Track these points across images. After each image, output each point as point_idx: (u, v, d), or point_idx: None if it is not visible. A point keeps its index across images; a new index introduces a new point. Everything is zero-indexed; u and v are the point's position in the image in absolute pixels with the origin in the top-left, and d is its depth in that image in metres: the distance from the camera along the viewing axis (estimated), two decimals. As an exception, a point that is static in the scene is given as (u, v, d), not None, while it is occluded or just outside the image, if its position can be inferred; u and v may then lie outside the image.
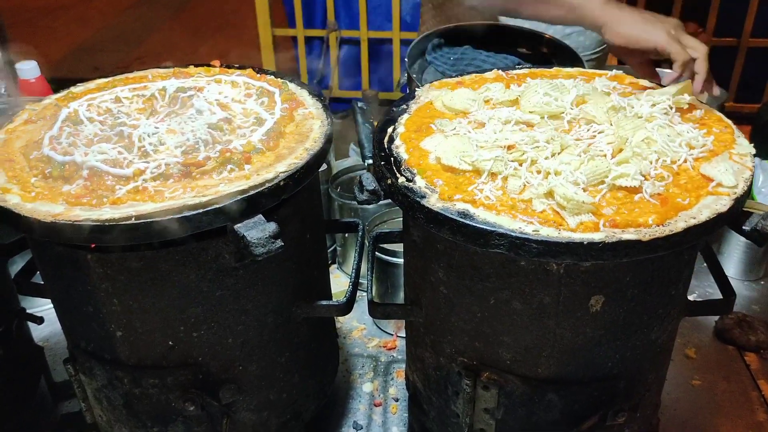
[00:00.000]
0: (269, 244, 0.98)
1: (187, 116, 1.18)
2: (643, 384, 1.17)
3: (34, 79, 1.98)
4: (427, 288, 1.15)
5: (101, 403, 1.24)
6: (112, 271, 1.05)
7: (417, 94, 1.32)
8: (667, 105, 1.15)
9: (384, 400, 1.54)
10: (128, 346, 1.13)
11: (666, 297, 1.08)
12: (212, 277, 1.08)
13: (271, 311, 1.18)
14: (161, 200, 0.99)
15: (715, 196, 0.98)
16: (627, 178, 0.98)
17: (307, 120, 1.22)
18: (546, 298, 1.01)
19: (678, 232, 0.91)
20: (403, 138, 1.16)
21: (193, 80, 1.33)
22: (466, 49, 1.87)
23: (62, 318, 1.23)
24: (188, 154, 1.08)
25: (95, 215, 0.96)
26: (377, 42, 4.66)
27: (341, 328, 1.74)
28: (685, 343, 1.66)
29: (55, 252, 1.09)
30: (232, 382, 1.18)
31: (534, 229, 0.92)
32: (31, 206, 1.00)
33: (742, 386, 1.56)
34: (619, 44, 1.53)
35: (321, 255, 1.38)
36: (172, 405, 1.17)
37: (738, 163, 1.04)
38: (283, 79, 1.36)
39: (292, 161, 1.08)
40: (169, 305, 1.08)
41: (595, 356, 1.08)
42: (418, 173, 1.05)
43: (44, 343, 1.66)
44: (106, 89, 1.31)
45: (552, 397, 1.11)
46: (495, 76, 1.36)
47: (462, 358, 1.15)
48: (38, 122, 1.22)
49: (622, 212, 0.94)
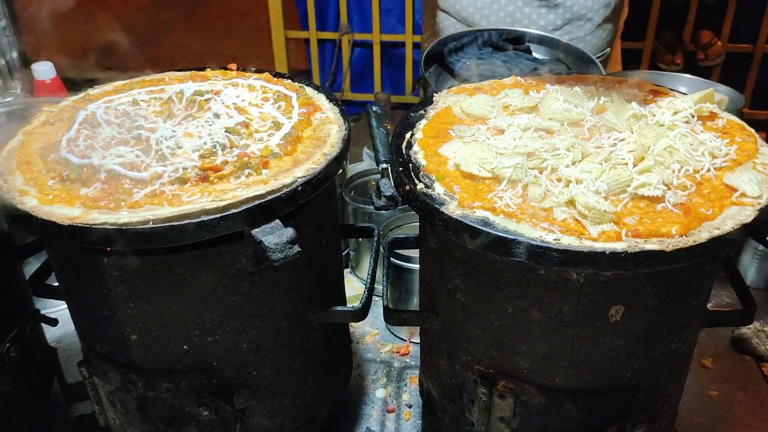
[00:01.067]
0: (286, 250, 0.97)
1: (205, 120, 1.18)
2: (662, 395, 1.15)
3: (50, 80, 1.99)
4: (443, 295, 1.14)
5: (115, 407, 1.23)
6: (128, 275, 1.05)
7: (435, 100, 1.31)
8: (689, 113, 1.14)
9: (397, 407, 1.53)
10: (143, 350, 1.13)
11: (686, 308, 1.07)
12: (228, 281, 1.07)
13: (286, 316, 1.17)
14: (179, 204, 0.98)
15: (738, 207, 0.96)
16: (649, 187, 0.96)
17: (325, 125, 1.21)
18: (565, 308, 1.00)
19: (702, 242, 0.90)
20: (421, 144, 1.15)
21: (210, 83, 1.32)
22: (483, 54, 1.86)
23: (77, 320, 1.22)
24: (206, 158, 1.07)
25: (113, 219, 0.96)
26: (390, 45, 4.65)
27: (354, 332, 1.73)
28: (702, 353, 1.65)
29: (72, 255, 1.09)
30: (246, 387, 1.17)
31: (555, 237, 0.91)
32: (48, 209, 0.99)
33: (760, 397, 1.54)
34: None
35: (336, 260, 1.37)
36: (186, 409, 1.17)
37: (762, 173, 1.03)
38: (300, 83, 1.35)
39: (309, 166, 1.08)
40: (184, 309, 1.08)
41: (614, 367, 1.07)
42: (437, 180, 1.04)
43: (57, 344, 1.66)
44: (123, 91, 1.31)
45: (569, 407, 1.10)
46: (513, 82, 1.34)
47: (478, 366, 1.14)
48: (55, 124, 1.22)
49: (645, 222, 0.93)
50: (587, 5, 2.10)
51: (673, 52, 4.39)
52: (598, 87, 1.27)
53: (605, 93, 1.22)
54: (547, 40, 1.97)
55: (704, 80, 2.04)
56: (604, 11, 2.13)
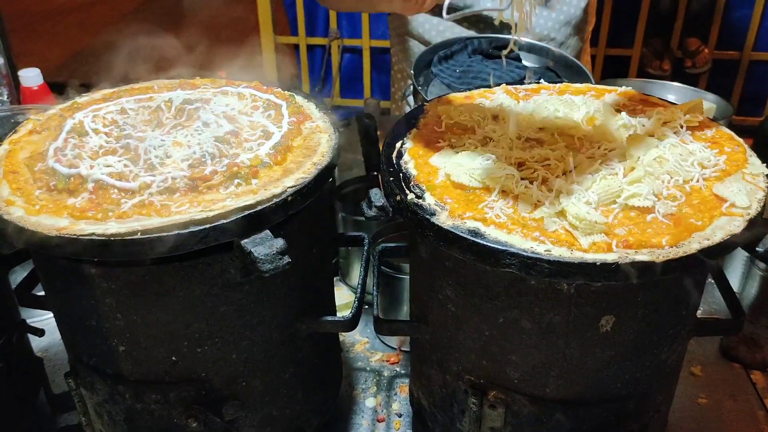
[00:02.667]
0: (276, 261, 0.96)
1: (194, 128, 1.17)
2: (652, 405, 1.15)
3: (37, 87, 1.97)
4: (434, 305, 1.14)
5: (102, 418, 1.22)
6: (116, 286, 1.03)
7: (425, 108, 1.31)
8: (678, 123, 1.15)
9: (387, 416, 1.53)
10: (131, 361, 1.11)
11: (676, 317, 1.07)
12: (217, 292, 1.06)
13: (276, 327, 1.16)
14: (167, 215, 0.97)
15: (728, 217, 0.96)
16: (639, 198, 0.97)
17: (315, 134, 1.21)
18: (555, 318, 1.00)
19: (692, 253, 0.90)
20: (411, 153, 1.15)
21: (200, 92, 1.31)
22: (473, 61, 1.86)
23: (64, 331, 1.21)
24: (195, 168, 1.07)
25: (100, 229, 0.95)
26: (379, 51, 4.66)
27: (344, 341, 1.73)
28: (691, 361, 1.65)
29: (59, 265, 1.07)
30: (235, 398, 1.17)
31: (546, 248, 0.91)
32: (35, 219, 0.98)
33: (749, 405, 1.54)
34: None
35: (326, 269, 1.36)
36: (175, 421, 1.15)
37: (751, 183, 1.03)
38: (290, 91, 1.35)
39: (300, 176, 1.07)
40: (173, 320, 1.07)
41: (605, 377, 1.07)
42: (428, 190, 1.04)
43: (43, 354, 1.64)
44: (111, 100, 1.30)
45: (560, 417, 1.10)
46: (504, 91, 1.35)
47: (469, 376, 1.13)
48: (43, 133, 1.21)
49: (635, 233, 0.93)
50: (548, 26, 2.15)
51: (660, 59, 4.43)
52: (587, 96, 1.27)
53: (595, 102, 1.22)
54: (537, 48, 1.98)
55: (693, 89, 2.06)
56: (565, 29, 2.19)
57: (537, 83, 1.39)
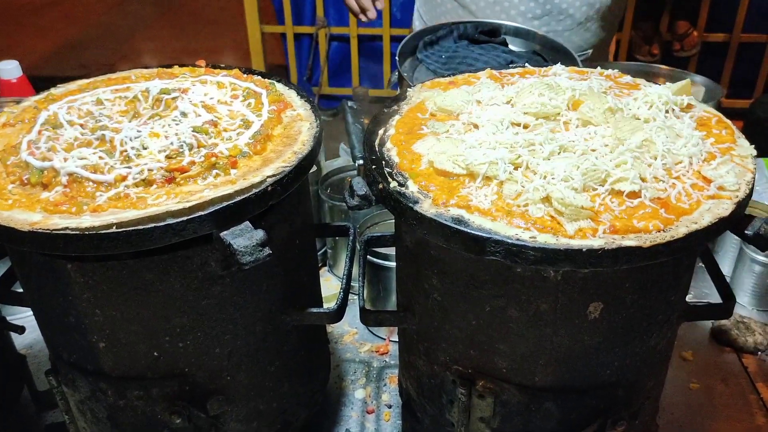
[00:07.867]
0: (257, 253, 0.94)
1: (171, 119, 1.14)
2: (643, 391, 1.14)
3: (16, 80, 1.94)
4: (420, 295, 1.12)
5: (85, 416, 1.20)
6: (93, 281, 1.01)
7: (408, 95, 1.28)
8: (666, 106, 1.12)
9: (377, 407, 1.51)
10: (112, 358, 1.09)
11: (665, 302, 1.05)
12: (198, 285, 1.04)
13: (259, 319, 1.14)
14: (144, 207, 0.95)
15: (716, 200, 0.95)
16: (626, 182, 0.94)
17: (296, 122, 1.18)
18: (543, 306, 0.98)
19: (679, 237, 0.88)
20: (394, 141, 1.12)
21: (178, 81, 1.28)
22: (458, 47, 1.83)
23: (43, 328, 1.19)
24: (172, 159, 1.04)
25: (75, 224, 0.92)
26: (367, 39, 4.62)
27: (332, 332, 1.71)
28: (682, 345, 1.64)
29: (35, 261, 1.05)
30: (219, 392, 1.15)
31: (531, 235, 0.89)
32: (7, 214, 0.96)
33: (741, 389, 1.53)
34: None
35: (311, 260, 1.34)
36: (158, 417, 1.13)
37: (739, 165, 1.02)
38: (270, 79, 1.32)
39: (280, 165, 1.05)
40: (153, 315, 1.05)
41: (594, 364, 1.05)
42: (410, 177, 1.02)
43: (27, 351, 1.62)
44: (87, 90, 1.27)
45: (549, 405, 1.08)
46: (488, 76, 1.32)
47: (457, 366, 1.12)
48: (17, 125, 1.18)
49: (622, 218, 0.91)
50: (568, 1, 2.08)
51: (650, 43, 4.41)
52: (573, 79, 1.25)
53: (580, 85, 1.20)
54: (524, 32, 1.95)
55: (682, 71, 2.03)
56: (586, 9, 2.10)
57: (522, 67, 1.37)
